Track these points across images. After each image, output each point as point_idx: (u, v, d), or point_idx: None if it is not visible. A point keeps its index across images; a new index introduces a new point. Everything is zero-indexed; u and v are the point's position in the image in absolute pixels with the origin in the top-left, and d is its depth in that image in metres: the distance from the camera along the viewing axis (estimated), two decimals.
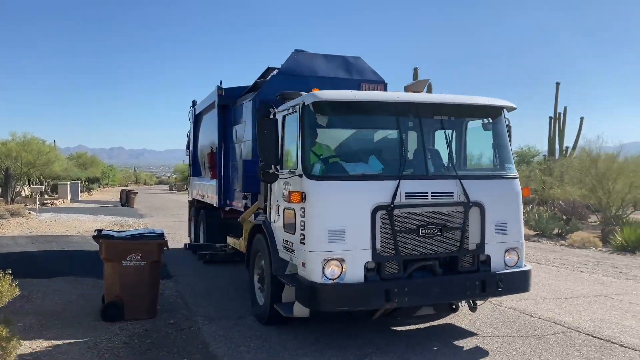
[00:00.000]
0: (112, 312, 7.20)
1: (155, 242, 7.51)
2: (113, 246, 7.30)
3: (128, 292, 7.23)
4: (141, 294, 7.33)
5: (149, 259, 7.35)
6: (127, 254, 7.25)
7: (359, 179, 5.85)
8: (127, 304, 7.22)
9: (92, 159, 65.99)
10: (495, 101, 6.51)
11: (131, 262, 7.26)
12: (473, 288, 6.03)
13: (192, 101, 14.17)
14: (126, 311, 7.22)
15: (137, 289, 7.28)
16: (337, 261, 5.63)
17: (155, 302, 7.60)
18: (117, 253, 7.25)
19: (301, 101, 5.95)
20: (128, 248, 7.28)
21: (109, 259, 7.30)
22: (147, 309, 7.40)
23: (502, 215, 6.30)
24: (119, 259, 7.24)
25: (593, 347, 6.25)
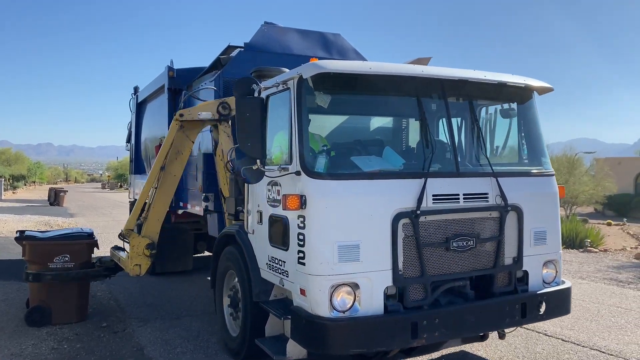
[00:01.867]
0: (36, 317, 6.72)
1: (84, 242, 7.15)
2: (38, 247, 6.86)
3: (55, 296, 6.78)
4: (70, 297, 6.89)
5: (77, 260, 6.92)
6: (54, 256, 6.80)
7: (375, 177, 4.44)
8: (54, 308, 6.77)
9: (17, 155, 61.82)
10: (533, 81, 5.28)
11: (58, 264, 6.81)
12: (513, 314, 4.79)
13: (133, 87, 12.32)
14: (54, 316, 6.78)
15: (65, 292, 6.85)
16: (348, 287, 4.22)
17: (85, 305, 7.24)
18: (42, 255, 6.80)
19: (297, 74, 4.45)
20: (55, 249, 6.84)
21: (34, 262, 6.83)
22: (76, 312, 7.00)
23: (540, 221, 5.11)
24: (45, 262, 6.77)
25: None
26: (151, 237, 7.01)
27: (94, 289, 8.80)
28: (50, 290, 6.77)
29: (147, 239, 6.97)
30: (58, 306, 6.79)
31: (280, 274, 4.68)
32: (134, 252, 6.94)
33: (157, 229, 7.08)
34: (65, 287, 6.83)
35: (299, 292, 4.37)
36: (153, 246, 6.97)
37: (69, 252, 6.85)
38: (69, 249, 6.88)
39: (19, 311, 7.44)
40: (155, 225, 7.06)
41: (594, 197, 25.19)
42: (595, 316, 7.49)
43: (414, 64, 5.64)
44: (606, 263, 12.28)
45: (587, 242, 14.76)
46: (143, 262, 6.98)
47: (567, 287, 5.24)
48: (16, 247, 13.49)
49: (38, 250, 6.82)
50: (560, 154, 25.38)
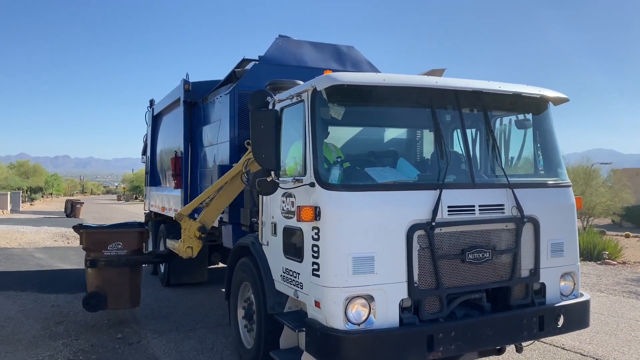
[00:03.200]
0: (93, 302, 7.04)
1: (136, 230, 7.54)
2: (93, 236, 7.28)
3: (110, 283, 7.14)
4: (123, 284, 7.23)
5: (129, 247, 7.31)
6: (108, 244, 7.21)
7: (390, 188, 4.43)
8: (109, 294, 7.12)
9: (35, 167, 62.56)
10: (548, 92, 5.25)
11: (112, 252, 7.21)
12: (530, 326, 4.72)
13: (149, 101, 12.47)
14: (109, 301, 7.13)
15: (119, 279, 7.20)
16: (363, 299, 4.20)
17: (138, 293, 7.56)
18: (98, 243, 7.21)
19: (311, 86, 4.48)
20: (109, 238, 7.24)
21: (90, 249, 7.24)
22: (129, 299, 7.37)
23: (557, 232, 5.05)
24: (100, 249, 7.19)
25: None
26: (205, 223, 7.20)
27: None
28: (105, 277, 7.12)
29: (199, 223, 7.17)
30: (113, 292, 7.14)
31: (294, 285, 4.67)
32: (186, 235, 7.21)
33: (213, 217, 7.25)
34: (118, 274, 7.17)
35: (313, 304, 4.35)
36: (204, 230, 7.19)
37: (122, 240, 7.25)
38: (122, 237, 7.29)
39: (36, 322, 7.51)
40: (214, 214, 7.20)
41: (611, 209, 24.83)
42: (615, 330, 7.36)
43: (428, 76, 5.65)
44: (625, 275, 12.07)
45: (605, 254, 14.53)
46: (195, 245, 7.25)
47: (585, 300, 5.15)
48: (33, 259, 13.75)
49: (94, 238, 7.24)
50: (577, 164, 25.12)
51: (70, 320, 7.68)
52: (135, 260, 7.36)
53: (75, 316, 7.92)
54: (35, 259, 13.89)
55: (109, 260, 7.16)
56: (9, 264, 12.96)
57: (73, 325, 7.46)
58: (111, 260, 7.16)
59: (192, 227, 7.18)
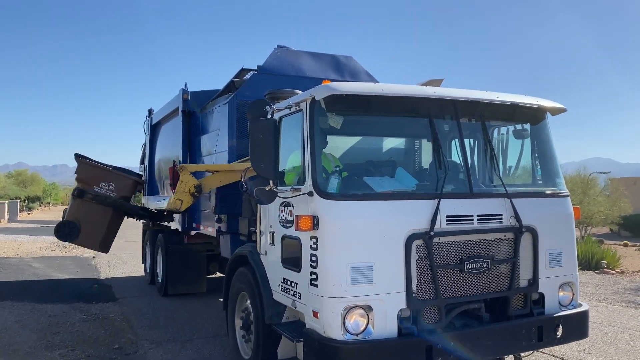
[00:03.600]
0: (66, 231, 7.12)
1: (132, 178, 7.72)
2: (90, 168, 7.41)
3: (88, 218, 7.18)
4: (100, 223, 7.28)
5: (120, 192, 7.37)
6: (101, 181, 7.27)
7: (388, 198, 4.43)
8: (83, 228, 7.15)
9: (33, 176, 62.53)
10: (546, 102, 5.27)
11: (102, 190, 7.25)
12: (529, 337, 4.72)
13: (148, 110, 12.44)
14: (81, 235, 7.18)
15: (98, 217, 7.23)
16: (362, 309, 4.19)
17: (110, 240, 7.67)
18: (92, 177, 7.30)
19: (310, 96, 4.49)
20: (103, 175, 7.34)
21: (83, 181, 7.28)
22: (101, 241, 7.44)
23: (555, 242, 5.06)
24: (92, 183, 7.24)
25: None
26: (203, 185, 7.22)
27: (106, 311, 8.85)
28: (87, 211, 7.16)
29: (198, 182, 7.18)
30: (87, 228, 7.18)
31: (292, 295, 4.66)
32: (181, 188, 7.20)
33: (213, 185, 7.28)
34: (101, 212, 7.22)
35: (311, 314, 4.34)
36: (200, 189, 7.20)
37: (115, 182, 7.33)
38: (116, 180, 7.36)
39: (33, 333, 7.46)
40: (214, 182, 7.23)
41: (609, 218, 24.88)
42: (614, 340, 7.33)
43: (427, 85, 5.68)
44: (623, 285, 12.06)
45: (603, 264, 14.53)
46: (185, 199, 7.23)
47: (584, 310, 5.15)
48: (30, 269, 13.70)
49: (90, 171, 7.35)
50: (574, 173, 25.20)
51: (67, 331, 7.63)
52: (121, 204, 7.32)
53: (72, 327, 7.87)
54: (32, 269, 13.83)
55: (96, 195, 7.13)
56: (6, 274, 12.89)
57: (69, 335, 7.40)
58: (99, 196, 7.13)
59: (189, 182, 7.19)
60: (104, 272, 13.41)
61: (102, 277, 12.63)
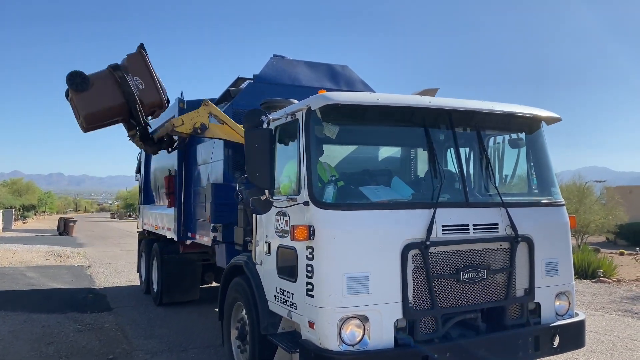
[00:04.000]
0: (77, 80, 7.18)
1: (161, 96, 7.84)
2: (141, 60, 7.72)
3: (101, 89, 7.39)
4: (105, 101, 7.39)
5: (143, 96, 7.54)
6: (138, 75, 7.52)
7: (384, 207, 4.43)
8: (92, 91, 7.26)
9: (28, 185, 62.22)
10: (541, 111, 5.29)
11: (131, 81, 7.46)
12: (526, 347, 4.70)
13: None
14: (86, 94, 7.26)
15: (109, 94, 7.41)
16: (358, 320, 4.17)
17: (99, 123, 7.78)
18: (135, 67, 7.62)
19: (306, 105, 4.49)
20: (144, 73, 7.60)
21: (125, 65, 7.58)
22: (91, 114, 7.45)
23: (551, 251, 5.05)
24: (130, 71, 7.50)
25: None
26: (210, 128, 7.28)
27: (100, 321, 8.78)
28: (104, 83, 7.36)
29: (207, 123, 7.25)
30: (94, 94, 7.27)
31: (288, 306, 4.63)
32: (192, 115, 7.37)
33: (217, 133, 7.32)
34: (113, 93, 7.40)
35: (307, 325, 4.31)
36: (204, 128, 7.27)
37: (147, 85, 7.58)
38: (150, 84, 7.60)
39: (26, 343, 7.40)
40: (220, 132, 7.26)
41: (605, 226, 24.88)
42: (611, 349, 7.32)
43: (422, 95, 5.69)
44: (620, 294, 12.05)
45: (599, 273, 14.50)
46: (186, 124, 7.37)
47: (581, 320, 5.14)
48: (24, 278, 13.61)
49: (138, 62, 7.54)
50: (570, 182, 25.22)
51: (61, 341, 7.57)
52: (134, 101, 7.49)
53: (66, 337, 7.80)
54: (27, 278, 13.74)
55: (123, 78, 7.35)
56: (0, 283, 12.81)
57: (64, 346, 7.34)
58: (124, 80, 7.35)
59: (201, 117, 7.29)
60: (99, 282, 13.34)
61: (97, 287, 12.56)
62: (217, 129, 7.26)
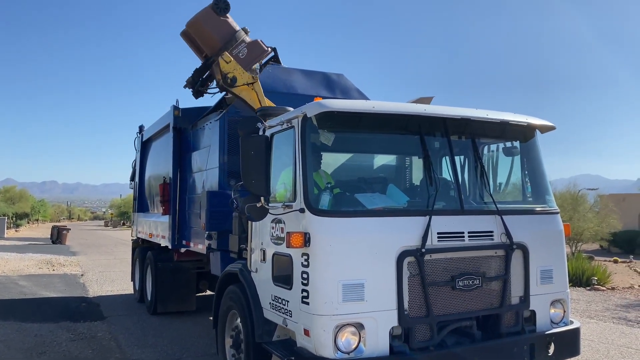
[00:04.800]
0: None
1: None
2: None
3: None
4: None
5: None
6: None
7: (380, 214, 4.43)
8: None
9: (21, 193, 61.84)
10: (535, 120, 5.33)
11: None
12: (521, 355, 4.70)
13: (139, 126, 12.44)
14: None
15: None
16: (353, 327, 4.15)
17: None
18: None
19: (302, 112, 4.51)
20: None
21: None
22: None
23: (546, 259, 5.07)
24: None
25: None
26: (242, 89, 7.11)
27: (94, 330, 8.71)
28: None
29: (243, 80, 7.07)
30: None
31: (283, 313, 4.62)
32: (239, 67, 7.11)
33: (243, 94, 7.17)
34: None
35: (302, 333, 4.30)
36: (235, 81, 7.04)
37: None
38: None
39: (18, 352, 7.33)
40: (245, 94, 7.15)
41: (599, 234, 24.97)
42: (605, 357, 7.33)
43: (417, 103, 5.72)
44: (614, 301, 12.09)
45: (594, 280, 14.55)
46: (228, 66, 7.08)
47: (576, 328, 5.15)
48: (16, 287, 13.52)
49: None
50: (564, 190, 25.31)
51: (54, 351, 7.50)
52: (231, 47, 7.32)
53: (59, 346, 7.73)
54: (19, 287, 13.63)
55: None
56: None
57: (56, 355, 7.28)
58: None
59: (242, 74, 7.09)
60: (92, 290, 13.24)
61: (90, 295, 12.47)
62: (245, 91, 7.14)
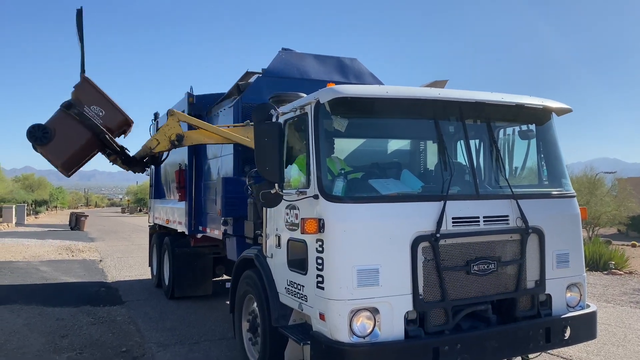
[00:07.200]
0: (39, 134, 7.06)
1: (124, 115, 7.59)
2: (89, 88, 7.42)
3: (65, 130, 7.21)
4: (75, 139, 7.21)
5: (107, 122, 7.31)
6: (93, 104, 7.26)
7: (394, 200, 4.43)
8: (57, 138, 7.12)
9: (40, 180, 62.74)
10: (551, 102, 5.26)
11: (90, 112, 7.24)
12: (537, 338, 4.69)
13: (154, 114, 12.50)
14: (50, 144, 7.14)
15: (76, 134, 7.19)
16: (368, 312, 4.18)
17: (77, 164, 7.61)
18: (87, 97, 7.31)
19: (315, 99, 4.50)
20: (98, 99, 7.32)
21: (76, 97, 7.27)
22: (67, 158, 7.34)
23: (562, 243, 5.03)
24: (84, 103, 7.24)
25: None
26: (187, 136, 7.30)
27: (113, 314, 8.88)
28: (65, 124, 7.14)
29: (181, 132, 7.19)
30: (59, 140, 7.11)
31: (299, 298, 4.66)
32: (163, 131, 7.27)
33: (196, 139, 7.43)
34: (77, 131, 7.17)
35: (318, 317, 4.34)
36: (180, 140, 7.27)
37: (107, 110, 7.28)
38: (108, 109, 7.31)
39: (41, 336, 7.51)
40: (198, 138, 7.38)
41: (616, 218, 24.73)
42: (622, 341, 7.29)
43: (431, 87, 5.68)
44: (632, 286, 11.99)
45: (611, 265, 14.44)
46: (162, 143, 7.30)
47: (592, 311, 5.12)
48: (37, 272, 13.78)
49: (87, 91, 7.33)
50: (581, 174, 25.06)
51: (75, 334, 7.67)
52: (101, 132, 7.23)
53: (80, 330, 7.91)
54: (40, 272, 13.91)
55: (82, 114, 7.11)
56: (14, 277, 12.98)
57: (77, 338, 7.44)
58: (84, 115, 7.11)
59: (173, 129, 7.23)
60: (110, 276, 13.47)
61: (109, 280, 12.69)
62: (195, 135, 7.27)
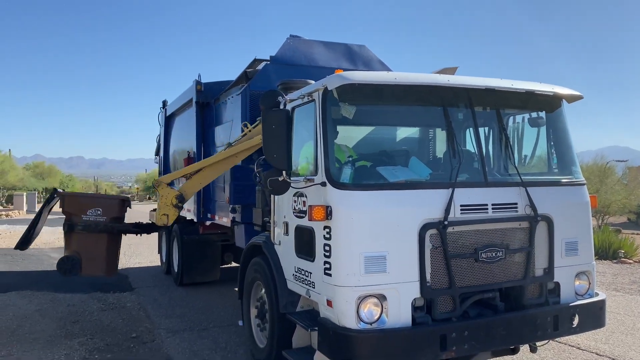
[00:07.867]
0: (66, 266, 7.00)
1: (118, 198, 7.70)
2: (73, 199, 7.42)
3: (85, 247, 7.11)
4: (99, 249, 7.16)
5: (109, 214, 7.21)
6: (88, 209, 7.13)
7: (402, 187, 4.42)
8: (84, 258, 7.06)
9: (50, 168, 63.24)
10: (561, 89, 5.20)
11: (91, 217, 7.12)
12: (544, 326, 4.68)
13: (162, 102, 12.53)
14: (83, 266, 7.06)
15: (95, 244, 7.13)
16: (375, 298, 4.19)
17: (114, 262, 7.54)
18: (77, 207, 7.18)
19: (322, 85, 4.48)
20: (89, 203, 7.23)
21: (70, 213, 7.19)
22: (105, 266, 7.25)
23: (571, 231, 5.00)
24: (79, 214, 7.12)
25: None
26: (184, 192, 7.19)
27: (123, 300, 8.98)
28: (82, 242, 7.08)
29: (177, 191, 7.16)
30: (87, 257, 7.07)
31: (306, 285, 4.68)
32: (163, 202, 7.19)
33: (194, 190, 7.31)
34: (95, 240, 7.12)
35: (325, 304, 4.35)
36: (182, 199, 7.17)
37: (102, 206, 7.18)
38: (102, 204, 7.24)
39: (52, 321, 7.60)
40: (195, 186, 7.25)
41: (627, 207, 24.53)
42: (631, 330, 7.27)
43: (440, 74, 5.63)
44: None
45: (620, 253, 14.35)
46: (171, 213, 7.20)
47: (601, 299, 5.10)
48: (49, 259, 13.92)
49: (73, 202, 7.26)
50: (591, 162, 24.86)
51: (86, 320, 7.77)
52: (112, 227, 7.23)
53: (91, 315, 8.01)
54: (51, 259, 14.05)
55: (86, 224, 7.07)
56: (25, 264, 13.14)
57: (88, 324, 7.54)
58: (89, 225, 7.07)
59: (170, 195, 7.18)
60: (120, 263, 13.54)
61: (118, 267, 12.79)
62: (190, 185, 7.21)
